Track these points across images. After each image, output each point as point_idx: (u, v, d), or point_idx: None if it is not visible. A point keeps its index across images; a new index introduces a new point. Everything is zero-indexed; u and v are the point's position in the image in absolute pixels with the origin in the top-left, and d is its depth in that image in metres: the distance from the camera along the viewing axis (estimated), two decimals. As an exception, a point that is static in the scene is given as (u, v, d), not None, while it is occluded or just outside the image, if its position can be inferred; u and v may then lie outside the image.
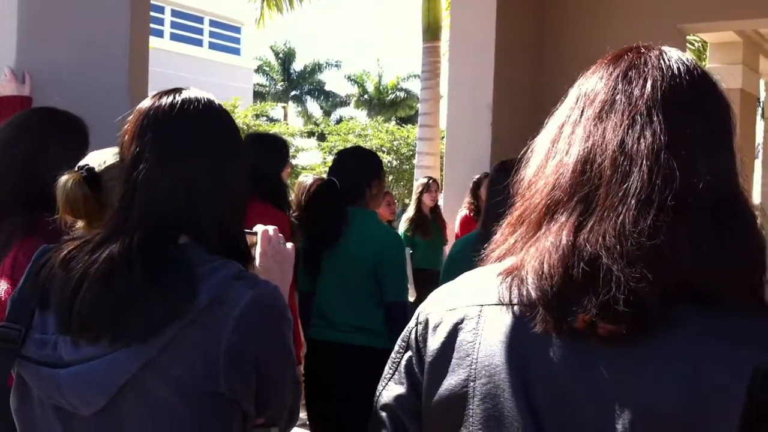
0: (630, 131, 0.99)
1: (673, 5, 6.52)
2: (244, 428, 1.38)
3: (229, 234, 1.41)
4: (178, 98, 1.41)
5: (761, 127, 15.25)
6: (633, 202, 0.94)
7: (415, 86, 32.87)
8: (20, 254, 2.26)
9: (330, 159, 23.64)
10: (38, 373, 1.31)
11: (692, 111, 1.01)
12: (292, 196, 5.67)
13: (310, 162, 27.23)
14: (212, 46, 38.09)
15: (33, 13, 3.37)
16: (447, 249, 6.69)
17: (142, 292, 1.27)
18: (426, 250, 6.90)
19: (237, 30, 39.00)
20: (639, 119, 0.99)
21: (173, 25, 35.99)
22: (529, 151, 1.14)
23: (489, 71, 6.26)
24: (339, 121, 34.61)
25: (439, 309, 1.10)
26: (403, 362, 1.14)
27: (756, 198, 10.89)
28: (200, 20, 37.57)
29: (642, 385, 0.90)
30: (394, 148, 24.12)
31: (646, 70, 1.04)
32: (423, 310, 1.14)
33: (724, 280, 0.92)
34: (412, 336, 1.13)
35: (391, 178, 22.95)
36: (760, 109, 14.73)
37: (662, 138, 0.97)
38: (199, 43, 37.53)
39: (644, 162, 0.96)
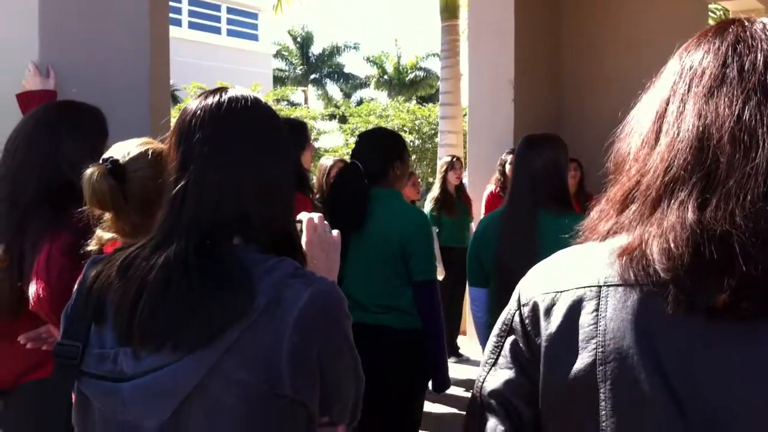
0: (746, 107, 0.96)
1: (693, -27, 6.42)
2: (310, 429, 1.35)
3: (282, 232, 1.39)
4: (225, 97, 1.40)
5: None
6: (761, 179, 0.92)
7: (435, 65, 32.71)
8: (53, 249, 2.28)
9: (352, 141, 23.62)
10: (101, 388, 1.30)
11: None
12: (314, 180, 5.69)
13: (332, 144, 27.24)
14: (230, 33, 38.08)
15: (54, 8, 3.39)
16: (473, 226, 6.68)
17: (201, 297, 1.25)
18: (452, 229, 6.89)
19: (254, 16, 38.96)
20: (753, 95, 0.97)
21: (191, 13, 36.03)
22: (625, 125, 1.11)
23: (509, 47, 6.21)
24: (359, 102, 34.52)
25: (546, 290, 1.06)
26: (507, 346, 1.10)
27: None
28: (217, 8, 37.56)
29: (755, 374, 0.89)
30: (416, 128, 24.04)
31: (754, 43, 1.01)
32: (525, 292, 1.10)
33: None
34: (516, 319, 1.10)
35: (414, 157, 22.88)
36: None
37: None
38: (217, 30, 37.55)
39: (767, 138, 0.93)
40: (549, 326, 1.04)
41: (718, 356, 0.92)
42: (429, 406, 5.21)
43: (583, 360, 0.99)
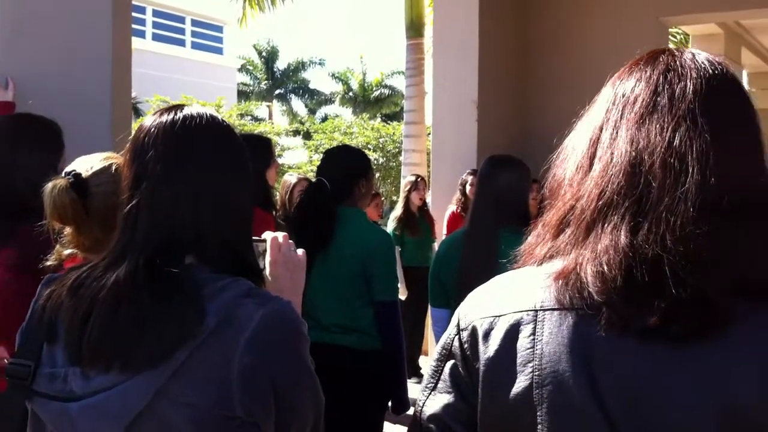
0: (676, 133, 1.00)
1: (655, -2, 6.55)
2: None
3: (237, 251, 1.37)
4: (180, 114, 1.38)
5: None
6: (690, 204, 0.95)
7: (400, 83, 32.88)
8: None
9: (316, 157, 23.65)
10: (51, 408, 1.28)
11: (729, 112, 1.03)
12: (277, 196, 5.66)
13: (296, 161, 27.21)
14: (195, 45, 37.95)
15: (14, 19, 3.34)
16: (436, 246, 6.69)
17: (150, 317, 1.23)
18: (415, 248, 6.90)
19: (219, 29, 38.88)
20: (683, 122, 1.00)
21: (155, 25, 35.86)
22: (561, 151, 1.13)
23: (473, 67, 6.26)
24: (324, 119, 34.56)
25: (485, 314, 1.07)
26: (447, 370, 1.11)
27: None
28: (182, 20, 37.43)
29: (717, 382, 0.91)
30: (380, 146, 24.13)
31: (684, 72, 1.05)
32: (464, 316, 1.11)
33: None
34: (455, 343, 1.10)
35: (378, 175, 22.95)
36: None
37: (708, 139, 0.98)
38: (181, 43, 37.38)
39: (696, 164, 0.97)
40: (487, 350, 1.05)
41: (653, 377, 0.94)
42: (389, 428, 5.18)
43: (520, 384, 1.00)
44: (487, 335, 1.06)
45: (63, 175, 1.76)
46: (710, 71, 1.05)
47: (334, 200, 3.30)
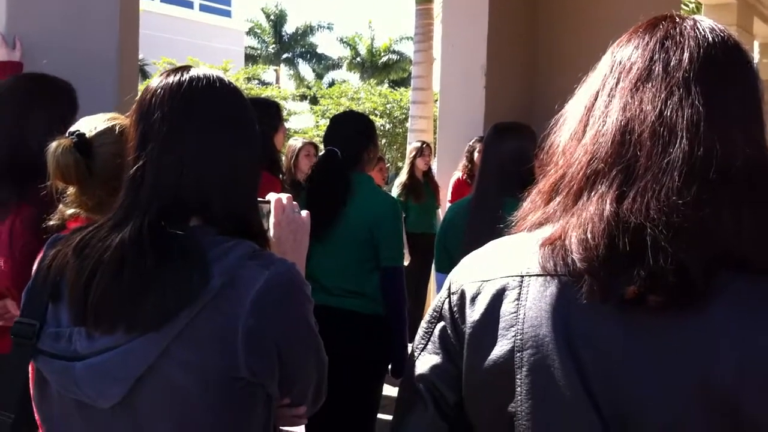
0: (668, 102, 0.99)
1: (667, -34, 6.46)
2: (269, 410, 1.35)
3: (242, 214, 1.37)
4: (186, 76, 1.37)
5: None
6: (676, 174, 0.95)
7: (408, 49, 32.66)
8: (17, 223, 2.25)
9: (323, 122, 23.57)
10: (54, 367, 1.29)
11: (727, 82, 1.02)
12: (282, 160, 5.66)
13: (302, 125, 27.13)
14: (203, 8, 37.67)
15: (21, -24, 3.33)
16: (440, 212, 6.70)
17: (155, 278, 1.23)
18: (419, 214, 6.89)
19: (228, -8, 38.56)
20: (676, 90, 1.00)
21: (163, -14, 35.59)
22: (560, 117, 1.13)
23: (483, 33, 6.20)
24: (331, 84, 34.42)
25: (474, 279, 1.09)
26: (437, 332, 1.12)
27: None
28: (190, -18, 37.13)
29: (694, 355, 0.91)
30: (387, 111, 24.04)
31: (682, 40, 1.04)
32: (455, 280, 1.12)
33: (763, 248, 0.93)
34: (445, 306, 1.12)
35: (384, 141, 22.90)
36: (753, 71, 14.67)
37: (701, 109, 0.98)
38: (189, 5, 37.12)
39: (685, 134, 0.97)
40: (473, 314, 1.06)
41: (630, 346, 0.94)
42: (390, 390, 5.23)
43: (502, 347, 1.02)
44: (474, 299, 1.07)
45: (66, 135, 1.76)
46: (710, 40, 1.04)
47: (345, 167, 3.31)
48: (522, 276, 1.03)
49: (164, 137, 1.32)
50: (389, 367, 3.36)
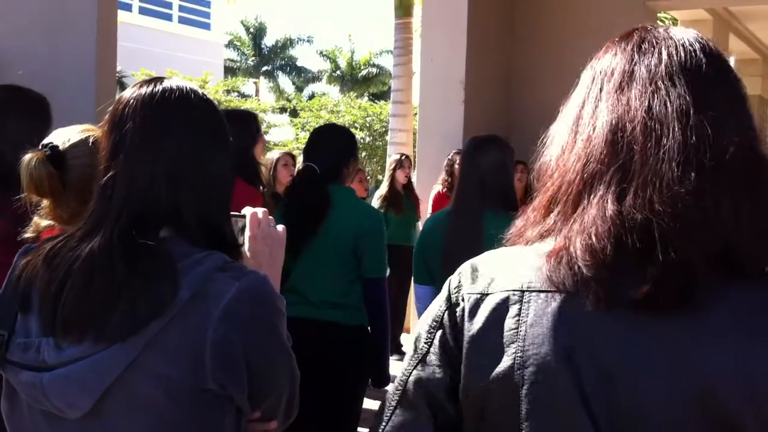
0: (655, 96, 1.00)
1: (643, -18, 6.54)
2: (239, 423, 1.35)
3: (214, 225, 1.37)
4: (159, 87, 1.37)
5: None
6: (674, 164, 0.94)
7: (388, 62, 32.73)
8: None
9: (303, 135, 23.57)
10: (22, 377, 1.28)
11: (709, 77, 1.02)
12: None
13: (282, 138, 27.11)
14: (182, 20, 37.63)
15: (-2, -13, 3.30)
16: (420, 225, 6.71)
17: (124, 289, 1.23)
18: (399, 227, 6.89)
19: (207, 4, 38.57)
20: (661, 84, 1.00)
21: (142, -2, 35.51)
22: (547, 137, 1.13)
23: (461, 48, 6.24)
24: (311, 97, 34.39)
25: (473, 291, 1.07)
26: (436, 341, 1.11)
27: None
28: (169, -6, 37.09)
29: (696, 363, 0.91)
30: (367, 125, 24.07)
31: (659, 42, 1.06)
32: (455, 291, 1.10)
33: (762, 243, 0.93)
34: (445, 316, 1.10)
35: (364, 154, 22.91)
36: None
37: (687, 98, 0.98)
38: (168, 17, 37.06)
39: (676, 124, 0.97)
40: (472, 327, 1.05)
41: (635, 358, 0.93)
42: (369, 403, 5.21)
43: (503, 363, 1.01)
44: (473, 312, 1.06)
45: (40, 147, 1.75)
46: (687, 42, 1.05)
47: (325, 182, 3.32)
48: (523, 291, 1.02)
49: (136, 147, 1.32)
50: (370, 378, 3.35)
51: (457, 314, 1.08)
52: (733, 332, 0.91)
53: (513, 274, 1.05)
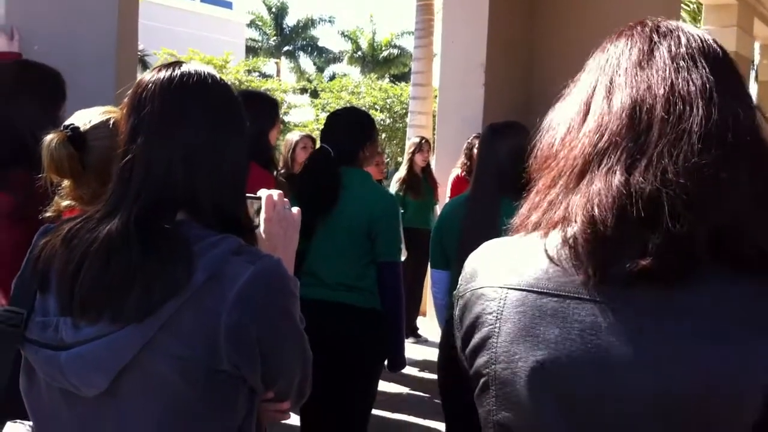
0: (678, 74, 0.99)
1: (669, -34, 6.46)
2: (253, 403, 1.37)
3: (229, 209, 1.39)
4: (177, 72, 1.38)
5: (754, 90, 15.22)
6: (695, 138, 0.92)
7: (410, 43, 32.60)
8: None
9: (323, 116, 23.56)
10: (41, 355, 1.31)
11: (722, 62, 1.02)
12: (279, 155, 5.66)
13: (302, 119, 27.15)
14: (204, -1, 37.61)
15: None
16: (438, 209, 6.70)
17: (140, 271, 1.25)
18: (417, 210, 6.90)
19: (229, -17, 38.50)
20: (683, 64, 1.00)
21: (164, -23, 35.50)
22: (548, 120, 1.11)
23: (483, 30, 6.21)
24: (332, 77, 34.39)
25: (467, 287, 1.10)
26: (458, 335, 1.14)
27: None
28: (192, -27, 37.09)
29: (664, 363, 0.90)
30: (387, 106, 24.05)
31: (675, 29, 1.06)
32: (460, 284, 1.12)
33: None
34: (456, 311, 1.13)
35: (384, 136, 22.90)
36: (753, 72, 14.69)
37: (711, 78, 0.98)
38: (190, -4, 37.05)
39: (700, 101, 0.95)
40: (465, 321, 1.08)
41: (608, 351, 0.92)
42: (384, 386, 5.24)
43: (482, 357, 1.03)
44: (466, 305, 1.08)
45: (61, 128, 1.76)
46: (697, 32, 1.05)
47: (339, 162, 3.32)
48: (506, 289, 1.03)
49: (154, 131, 1.34)
50: (385, 361, 3.37)
51: (461, 308, 1.11)
52: (713, 341, 0.88)
53: (501, 270, 1.05)
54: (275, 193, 1.58)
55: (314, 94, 30.04)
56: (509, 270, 1.04)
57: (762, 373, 0.87)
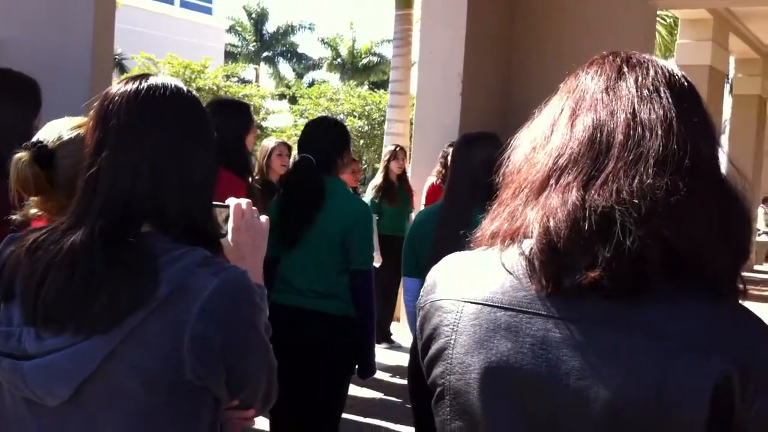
0: (641, 103, 1.02)
1: (644, -20, 6.53)
2: (216, 412, 1.38)
3: (195, 220, 1.39)
4: (144, 84, 1.39)
5: (728, 104, 15.39)
6: (651, 161, 0.96)
7: (389, 51, 32.67)
8: None
9: (301, 122, 23.55)
10: (3, 365, 1.31)
11: (689, 94, 1.06)
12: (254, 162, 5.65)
13: (280, 124, 27.10)
14: (183, 4, 37.50)
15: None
16: (413, 216, 6.72)
17: (104, 282, 1.26)
18: (392, 217, 6.92)
19: (209, -12, 38.40)
20: (647, 94, 1.03)
21: (144, -20, 35.34)
22: (517, 137, 1.14)
23: (460, 40, 6.25)
24: (311, 84, 34.37)
25: (427, 299, 1.12)
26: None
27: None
28: (172, -23, 36.95)
29: (614, 375, 0.92)
30: (366, 113, 24.08)
31: (645, 61, 1.09)
32: (421, 295, 1.15)
33: (721, 257, 0.95)
34: (417, 321, 1.15)
35: (361, 143, 22.94)
36: (728, 86, 14.86)
37: (673, 109, 1.01)
38: (170, 0, 36.92)
39: (659, 129, 0.99)
40: (424, 332, 1.11)
41: (557, 368, 0.96)
42: (357, 390, 5.25)
43: (438, 368, 1.06)
44: (426, 318, 1.11)
45: (30, 145, 1.76)
46: (666, 64, 1.08)
47: (320, 172, 3.35)
48: (460, 301, 1.05)
49: (120, 144, 1.35)
50: (356, 367, 3.40)
51: (421, 318, 1.13)
52: (661, 356, 0.91)
53: (459, 283, 1.08)
54: (243, 202, 1.58)
55: (293, 100, 30.01)
56: (468, 283, 1.07)
57: (712, 388, 0.89)
